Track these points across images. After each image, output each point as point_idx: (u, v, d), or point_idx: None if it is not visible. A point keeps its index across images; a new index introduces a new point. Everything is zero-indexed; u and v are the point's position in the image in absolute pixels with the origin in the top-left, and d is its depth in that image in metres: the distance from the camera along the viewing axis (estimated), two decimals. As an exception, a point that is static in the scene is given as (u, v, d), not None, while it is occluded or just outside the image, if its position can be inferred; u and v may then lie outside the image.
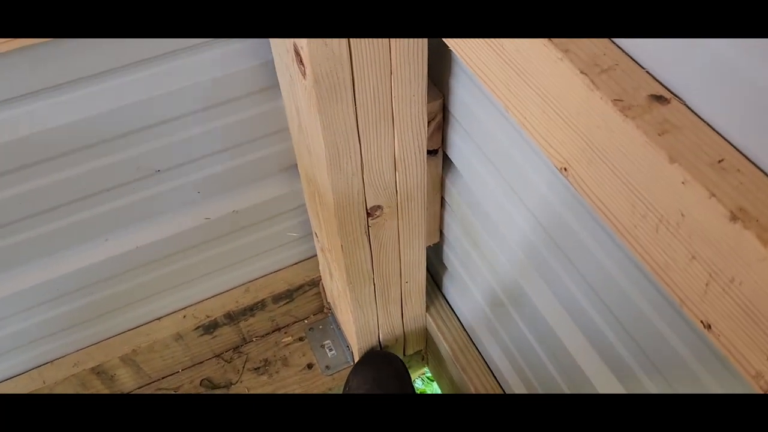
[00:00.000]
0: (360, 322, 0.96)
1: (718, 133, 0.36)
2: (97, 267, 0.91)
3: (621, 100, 0.38)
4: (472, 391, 0.96)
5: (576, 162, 0.43)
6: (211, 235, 0.97)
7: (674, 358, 0.53)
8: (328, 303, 1.15)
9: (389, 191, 0.77)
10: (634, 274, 0.54)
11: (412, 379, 1.30)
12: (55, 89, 0.69)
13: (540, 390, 0.84)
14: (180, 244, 0.95)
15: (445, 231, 0.93)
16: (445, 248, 0.96)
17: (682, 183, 0.34)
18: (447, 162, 0.83)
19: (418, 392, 1.29)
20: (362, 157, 0.70)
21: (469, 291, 0.94)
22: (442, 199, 0.89)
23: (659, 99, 0.38)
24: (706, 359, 0.51)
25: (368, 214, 0.78)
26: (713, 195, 0.33)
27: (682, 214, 0.35)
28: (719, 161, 0.34)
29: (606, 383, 0.66)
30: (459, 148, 0.77)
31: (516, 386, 0.92)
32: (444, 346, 1.01)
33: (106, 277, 0.93)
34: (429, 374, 1.31)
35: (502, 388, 0.95)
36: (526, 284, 0.75)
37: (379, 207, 0.78)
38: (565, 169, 0.46)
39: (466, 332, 1.02)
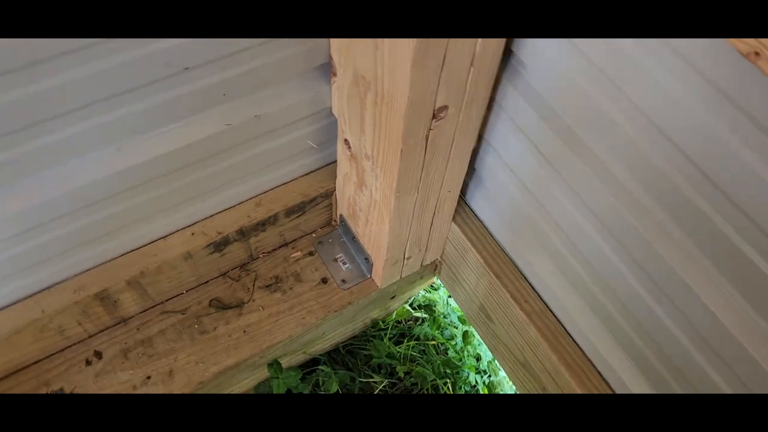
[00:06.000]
0: (395, 233, 0.92)
1: None
2: (106, 181, 0.80)
3: None
4: (507, 295, 0.95)
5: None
6: (230, 143, 0.87)
7: None
8: (339, 215, 1.09)
9: (459, 90, 0.71)
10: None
11: (420, 290, 1.29)
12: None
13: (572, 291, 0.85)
14: (198, 154, 0.85)
15: (486, 135, 0.89)
16: (482, 153, 0.92)
17: None
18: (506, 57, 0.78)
19: (422, 301, 1.29)
20: (447, 51, 0.63)
21: (507, 196, 0.91)
22: (491, 101, 0.84)
23: None
24: None
25: (434, 116, 0.72)
26: None
27: None
28: None
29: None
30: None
31: (553, 288, 0.92)
32: (473, 254, 0.99)
33: (114, 192, 0.82)
34: (435, 284, 1.30)
35: (537, 292, 0.95)
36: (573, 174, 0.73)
37: (445, 108, 0.72)
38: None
39: (495, 239, 1.00)
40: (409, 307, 1.27)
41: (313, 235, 1.13)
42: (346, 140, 0.89)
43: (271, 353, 1.03)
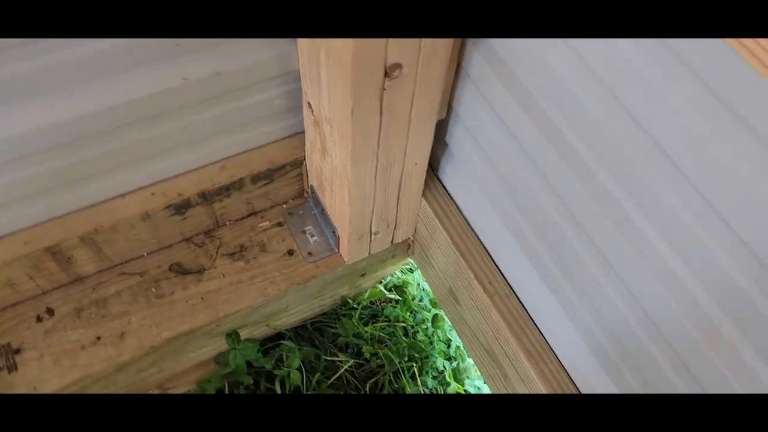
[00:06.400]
0: (356, 204, 0.88)
1: None
2: (55, 129, 0.77)
3: None
4: (471, 276, 0.91)
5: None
6: (187, 100, 0.84)
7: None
8: (310, 186, 1.06)
9: (413, 45, 0.66)
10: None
11: (394, 271, 1.25)
12: None
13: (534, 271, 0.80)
14: (153, 108, 0.82)
15: (455, 105, 0.84)
16: (451, 125, 0.88)
17: None
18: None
19: (396, 282, 1.25)
20: None
21: (475, 172, 0.87)
22: (458, 67, 0.79)
23: None
24: None
25: (386, 74, 0.68)
26: None
27: None
28: None
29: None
30: None
31: (516, 271, 0.88)
32: (441, 232, 0.95)
33: (65, 141, 0.80)
34: (410, 266, 1.26)
35: (503, 274, 0.91)
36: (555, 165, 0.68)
37: (398, 66, 0.68)
38: None
39: (464, 217, 0.96)
40: (382, 288, 1.23)
41: (284, 205, 1.10)
42: (309, 103, 0.86)
43: (228, 322, 1.00)
